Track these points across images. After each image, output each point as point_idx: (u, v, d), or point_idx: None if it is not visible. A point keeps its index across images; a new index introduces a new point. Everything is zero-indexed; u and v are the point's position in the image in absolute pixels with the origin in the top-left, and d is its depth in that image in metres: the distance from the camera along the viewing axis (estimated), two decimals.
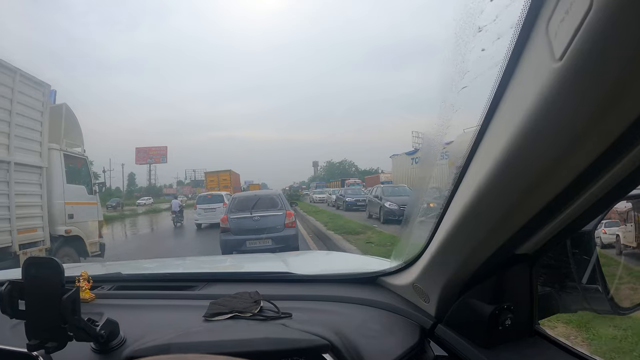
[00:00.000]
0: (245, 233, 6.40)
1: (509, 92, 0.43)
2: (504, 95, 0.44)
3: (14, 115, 4.66)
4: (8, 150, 4.56)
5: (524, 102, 0.39)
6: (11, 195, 4.57)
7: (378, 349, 0.77)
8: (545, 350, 0.68)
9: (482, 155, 0.51)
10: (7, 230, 4.53)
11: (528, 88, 0.38)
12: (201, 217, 14.10)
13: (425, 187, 0.82)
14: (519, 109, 0.40)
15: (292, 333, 0.79)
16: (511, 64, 0.41)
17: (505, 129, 0.43)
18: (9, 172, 4.56)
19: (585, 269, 0.70)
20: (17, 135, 4.69)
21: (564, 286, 0.73)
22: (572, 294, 0.72)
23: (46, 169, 5.24)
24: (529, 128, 0.39)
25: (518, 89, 0.41)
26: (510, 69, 0.42)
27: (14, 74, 4.71)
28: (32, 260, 0.66)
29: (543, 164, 0.42)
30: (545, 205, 0.48)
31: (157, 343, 0.75)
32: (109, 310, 0.89)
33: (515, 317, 0.67)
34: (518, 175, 0.46)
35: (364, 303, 0.97)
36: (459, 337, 0.73)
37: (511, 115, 0.42)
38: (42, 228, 5.14)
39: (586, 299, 0.71)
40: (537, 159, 0.42)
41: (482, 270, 0.66)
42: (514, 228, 0.54)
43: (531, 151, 0.42)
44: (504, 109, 0.45)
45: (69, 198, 5.77)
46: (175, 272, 1.43)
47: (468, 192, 0.54)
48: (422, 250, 0.78)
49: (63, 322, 0.64)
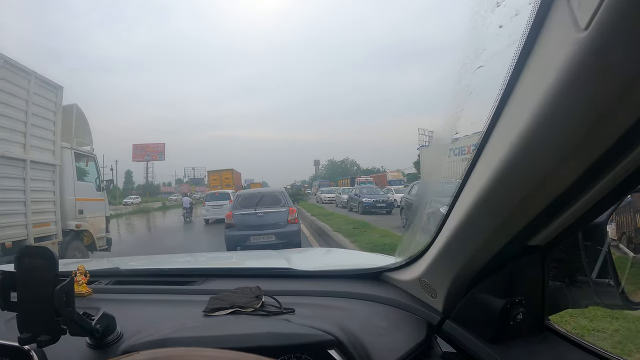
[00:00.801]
0: (250, 229, 6.60)
1: (528, 70, 0.41)
2: (522, 74, 0.42)
3: (30, 115, 4.93)
4: (24, 149, 4.83)
5: (544, 79, 0.37)
6: (27, 191, 4.84)
7: (384, 345, 0.76)
8: (557, 345, 0.66)
9: (496, 142, 0.49)
10: (23, 224, 4.81)
11: (549, 63, 0.36)
12: (209, 213, 14.92)
13: (433, 181, 0.78)
14: (538, 88, 0.38)
15: (296, 328, 0.77)
16: (531, 38, 0.39)
17: (522, 110, 0.41)
18: (25, 169, 4.83)
19: (597, 262, 0.67)
20: (32, 134, 4.96)
21: (574, 280, 0.71)
22: (582, 288, 0.70)
23: (59, 166, 5.52)
24: (548, 107, 0.37)
25: (538, 66, 0.39)
26: (529, 44, 0.40)
27: (29, 76, 4.97)
28: (25, 249, 0.63)
29: (562, 148, 0.40)
30: (561, 194, 0.47)
31: (154, 338, 0.74)
32: (106, 305, 0.88)
33: (526, 311, 0.65)
34: (535, 161, 0.44)
35: (368, 299, 0.95)
36: (468, 333, 0.72)
37: (530, 96, 0.40)
38: (54, 222, 5.42)
39: (597, 294, 0.68)
40: (555, 142, 0.40)
41: (493, 264, 0.64)
42: (528, 219, 0.53)
43: (550, 134, 0.39)
44: (522, 89, 0.42)
45: (79, 194, 6.05)
46: (174, 268, 1.41)
47: (480, 183, 0.52)
48: (428, 244, 0.77)
49: (56, 315, 0.61)
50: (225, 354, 0.53)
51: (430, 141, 37.39)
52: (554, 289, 0.70)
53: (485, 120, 0.49)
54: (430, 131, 47.81)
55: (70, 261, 1.89)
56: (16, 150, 4.72)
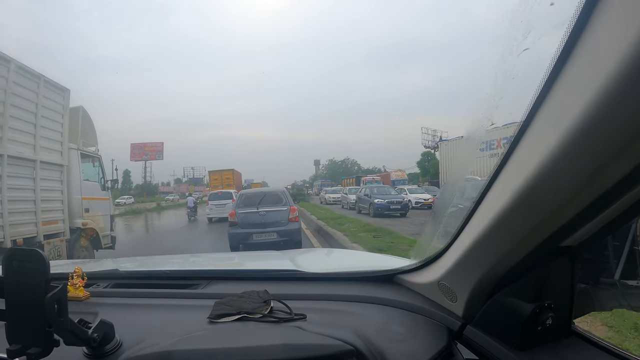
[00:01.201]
0: (252, 227, 6.82)
1: (579, 54, 0.37)
2: (571, 59, 0.38)
3: (39, 117, 5.13)
4: (34, 150, 5.03)
5: (598, 65, 0.34)
6: (37, 190, 5.05)
7: (404, 353, 0.72)
8: (585, 351, 0.64)
9: (534, 136, 0.45)
10: (33, 222, 5.01)
11: (606, 45, 0.33)
12: (212, 212, 15.44)
13: (457, 178, 0.74)
14: (589, 76, 0.35)
15: (312, 338, 0.73)
16: (583, 17, 0.35)
17: (570, 101, 0.38)
18: (35, 169, 5.03)
19: (623, 263, 0.65)
20: (41, 136, 5.17)
21: (599, 282, 0.69)
22: (608, 290, 0.68)
23: (66, 166, 5.72)
24: (602, 99, 0.34)
25: (591, 51, 0.36)
26: (581, 25, 0.36)
27: (38, 79, 5.17)
28: (13, 252, 0.59)
29: (613, 145, 0.37)
30: (605, 193, 0.44)
31: (157, 350, 0.69)
32: (104, 310, 0.85)
33: (555, 315, 0.63)
34: (581, 158, 0.40)
35: (382, 303, 0.91)
36: (491, 339, 0.68)
37: (579, 85, 0.37)
38: (62, 220, 5.63)
39: (624, 295, 0.66)
40: (606, 137, 0.37)
41: (521, 266, 0.61)
42: (566, 220, 0.50)
43: (600, 128, 0.36)
44: (571, 76, 0.38)
45: (85, 193, 6.26)
46: (175, 270, 1.34)
47: (514, 181, 0.49)
48: (447, 245, 0.74)
49: (48, 325, 0.57)
50: None
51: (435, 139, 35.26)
52: (579, 291, 0.67)
53: (525, 110, 0.45)
54: (433, 130, 46.25)
55: (68, 262, 1.86)
56: (27, 151, 4.93)
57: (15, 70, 4.70)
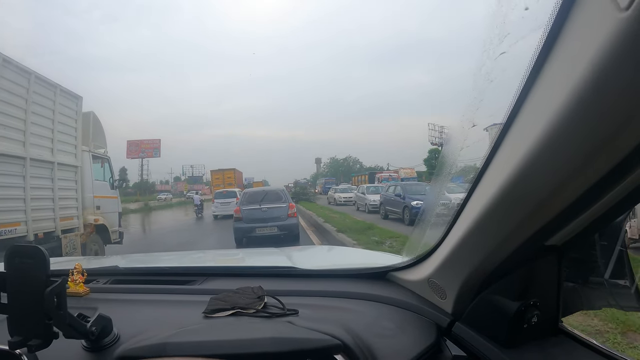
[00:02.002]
0: (255, 222, 7.71)
1: (556, 56, 0.38)
2: (547, 61, 0.39)
3: (56, 123, 5.65)
4: (52, 153, 5.56)
5: (573, 66, 0.35)
6: (55, 189, 5.58)
7: (392, 348, 0.74)
8: (572, 350, 0.65)
9: (516, 137, 0.47)
10: (52, 218, 5.54)
11: (581, 48, 0.34)
12: (218, 209, 16.56)
13: (445, 177, 0.77)
14: (565, 77, 0.36)
15: (301, 332, 0.75)
16: (559, 20, 0.37)
17: (547, 102, 0.39)
18: (53, 170, 5.56)
19: (612, 262, 0.66)
20: (58, 140, 5.69)
21: (588, 281, 0.69)
22: (597, 289, 0.68)
23: (80, 167, 6.25)
24: (578, 99, 0.35)
25: (567, 52, 0.37)
26: (556, 28, 0.37)
27: (54, 88, 5.69)
28: (15, 248, 0.62)
29: (591, 144, 0.38)
30: (585, 192, 0.45)
31: (152, 342, 0.71)
32: (103, 305, 0.87)
33: (541, 314, 0.64)
34: (560, 157, 0.41)
35: (374, 299, 0.94)
36: (479, 336, 0.70)
37: (556, 86, 0.38)
38: (77, 217, 6.16)
39: (612, 295, 0.67)
40: (584, 136, 0.38)
41: (507, 264, 0.63)
42: (548, 218, 0.51)
43: (578, 127, 0.37)
44: (548, 78, 0.40)
45: (97, 192, 6.79)
46: (174, 266, 1.40)
47: (497, 180, 0.50)
48: (437, 243, 0.76)
49: (47, 318, 0.60)
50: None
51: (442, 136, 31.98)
52: (567, 290, 0.68)
53: (505, 112, 0.47)
54: (440, 126, 43.18)
55: (69, 259, 1.91)
56: (46, 154, 5.45)
57: (35, 81, 5.21)
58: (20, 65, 4.96)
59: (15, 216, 4.84)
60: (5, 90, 4.65)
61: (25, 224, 4.97)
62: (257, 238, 7.60)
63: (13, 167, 4.83)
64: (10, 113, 4.78)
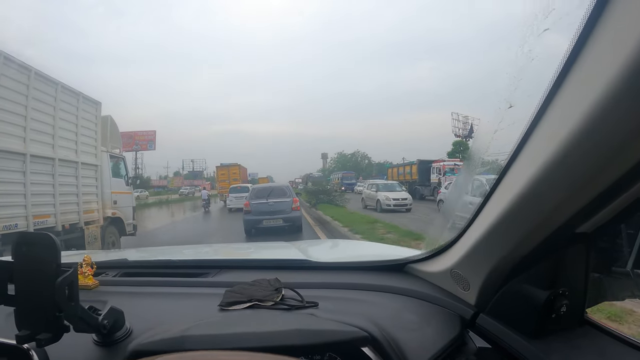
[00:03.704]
0: (262, 214, 8.81)
1: (600, 33, 0.36)
2: (591, 38, 0.37)
3: (79, 127, 6.37)
4: (76, 153, 6.28)
5: (619, 42, 0.33)
6: (79, 186, 6.32)
7: (417, 342, 0.72)
8: (598, 340, 0.64)
9: (552, 120, 0.45)
10: (76, 211, 6.28)
11: (629, 24, 0.33)
12: (232, 203, 18.41)
13: (476, 163, 0.74)
14: (610, 54, 0.35)
15: (326, 324, 0.73)
16: None
17: (588, 83, 0.37)
18: (77, 169, 6.28)
19: (637, 253, 0.64)
20: (81, 142, 6.41)
21: (613, 271, 0.68)
22: (621, 279, 0.66)
23: (99, 166, 6.98)
24: (621, 79, 0.34)
25: (612, 28, 0.35)
26: (601, 5, 0.36)
27: (77, 96, 6.39)
28: (23, 236, 0.59)
29: (624, 131, 0.37)
30: (623, 176, 0.44)
31: (169, 336, 0.68)
32: (113, 298, 0.85)
33: (569, 303, 0.63)
34: (602, 139, 0.40)
35: (394, 291, 0.92)
36: (505, 327, 0.68)
37: (599, 65, 0.36)
38: (97, 210, 6.90)
39: (637, 285, 0.65)
40: (629, 117, 0.36)
41: (535, 253, 0.61)
42: (582, 204, 0.50)
43: (622, 108, 0.36)
44: (592, 55, 0.38)
45: (114, 188, 7.53)
46: (185, 259, 1.38)
47: (532, 165, 0.48)
48: (459, 234, 0.75)
49: (58, 310, 0.57)
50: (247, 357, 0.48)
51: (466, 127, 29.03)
52: (592, 281, 0.66)
53: (544, 92, 0.44)
54: (464, 116, 39.02)
55: (76, 253, 1.91)
56: (71, 155, 6.17)
57: (62, 90, 5.92)
58: (48, 76, 5.66)
59: (46, 209, 5.58)
60: (36, 99, 5.35)
61: (55, 216, 5.71)
62: (264, 229, 8.66)
63: (44, 167, 5.55)
64: (41, 119, 5.49)
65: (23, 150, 5.08)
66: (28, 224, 5.09)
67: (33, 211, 5.23)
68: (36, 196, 5.34)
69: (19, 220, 5.02)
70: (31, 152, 5.21)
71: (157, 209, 26.40)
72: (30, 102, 5.20)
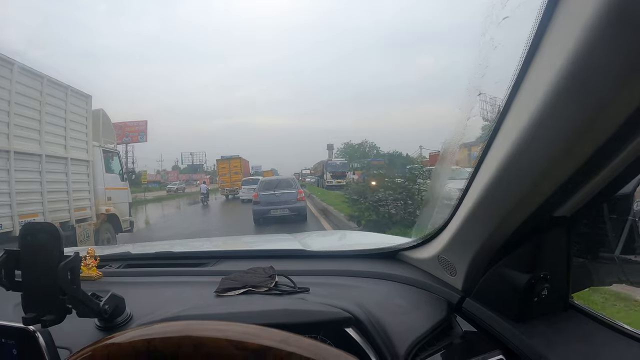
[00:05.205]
0: (270, 204, 9.84)
1: (560, 16, 0.38)
2: (551, 23, 0.39)
3: (68, 122, 6.13)
4: (65, 149, 6.07)
5: (575, 28, 0.35)
6: (69, 182, 6.11)
7: (404, 324, 0.74)
8: (583, 324, 0.64)
9: (522, 103, 0.46)
10: (66, 209, 6.09)
11: (584, 8, 0.34)
12: (244, 194, 19.46)
13: (452, 151, 0.76)
14: (568, 40, 0.36)
15: (312, 306, 0.77)
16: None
17: (551, 66, 0.39)
18: (67, 165, 6.07)
19: (624, 237, 0.64)
20: (71, 137, 6.18)
21: (598, 256, 0.68)
22: (607, 264, 0.67)
23: (91, 162, 6.76)
24: (580, 60, 0.35)
25: (571, 13, 0.36)
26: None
27: (66, 89, 6.15)
28: (28, 226, 0.63)
29: (597, 106, 0.38)
30: (588, 160, 0.45)
31: (164, 316, 0.73)
32: (116, 288, 0.85)
33: (551, 287, 0.63)
34: (566, 121, 0.41)
35: (385, 277, 0.94)
36: (490, 311, 0.70)
37: (559, 49, 0.37)
38: (89, 207, 6.71)
39: (622, 270, 0.65)
40: (589, 99, 0.38)
41: (516, 237, 0.62)
42: (555, 186, 0.51)
43: (582, 90, 0.37)
44: (551, 40, 0.39)
45: (108, 184, 7.33)
46: (185, 251, 1.42)
47: (504, 149, 0.50)
48: (446, 220, 0.76)
49: (61, 294, 0.61)
50: (237, 327, 0.50)
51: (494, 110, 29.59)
52: (577, 266, 0.67)
53: (510, 79, 0.46)
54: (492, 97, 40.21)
55: (81, 248, 2.03)
56: (60, 151, 5.96)
57: (48, 84, 5.68)
58: (33, 70, 5.42)
59: (34, 208, 5.38)
60: (20, 94, 5.12)
61: (43, 214, 5.51)
62: (271, 218, 9.62)
63: (30, 164, 5.34)
64: (26, 115, 5.26)
65: (6, 147, 4.87)
66: (14, 224, 4.92)
67: (19, 210, 5.04)
68: (22, 194, 5.15)
69: (4, 220, 4.84)
70: (16, 149, 5.00)
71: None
72: (13, 97, 4.97)
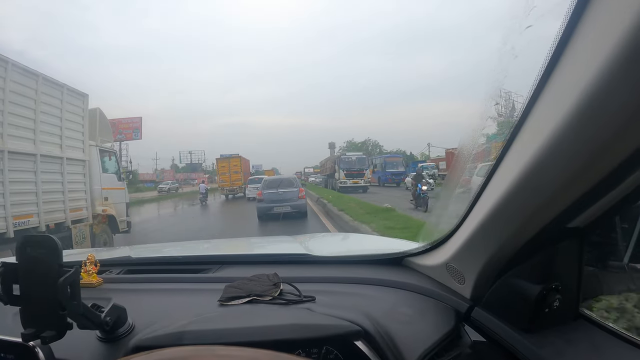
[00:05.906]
0: (273, 202, 10.67)
1: (582, 31, 0.37)
2: (575, 33, 0.37)
3: (64, 121, 6.02)
4: (61, 148, 5.96)
5: (602, 38, 0.33)
6: (64, 183, 6.00)
7: (412, 334, 0.73)
8: (593, 335, 0.63)
9: (541, 114, 0.45)
10: (62, 210, 5.98)
11: (610, 22, 0.33)
12: (250, 193, 20.47)
13: (465, 159, 0.75)
14: (593, 50, 0.35)
15: (320, 319, 0.74)
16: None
17: (574, 79, 0.38)
18: (62, 165, 5.96)
19: (634, 247, 0.64)
20: (66, 136, 6.07)
21: (608, 265, 0.68)
22: (617, 273, 0.66)
23: (87, 161, 6.65)
24: (603, 75, 0.34)
25: (594, 28, 0.35)
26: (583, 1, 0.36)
27: (61, 88, 6.04)
28: (27, 238, 0.61)
29: (622, 119, 0.37)
30: (609, 173, 0.44)
31: (168, 331, 0.70)
32: (117, 295, 0.86)
33: (562, 298, 0.62)
34: (589, 134, 0.40)
35: (391, 285, 0.92)
36: (499, 321, 0.68)
37: (585, 59, 0.36)
38: (86, 208, 6.60)
39: (633, 280, 0.65)
40: (615, 111, 0.36)
41: (528, 247, 0.61)
42: (573, 199, 0.50)
43: (608, 103, 0.36)
44: (575, 52, 0.38)
45: (104, 184, 7.21)
46: (187, 255, 1.39)
47: (521, 160, 0.49)
48: (455, 227, 0.74)
49: (61, 309, 0.59)
50: (246, 352, 0.49)
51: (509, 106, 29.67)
52: (586, 274, 0.66)
53: (530, 88, 0.45)
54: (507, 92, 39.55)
55: (80, 251, 1.92)
56: (55, 150, 5.85)
57: (43, 82, 5.56)
58: (28, 68, 5.31)
59: (28, 209, 5.27)
60: (15, 92, 5.00)
61: (38, 215, 5.41)
62: (274, 214, 10.41)
63: (25, 164, 5.23)
64: (21, 114, 5.15)
65: (0, 146, 4.76)
66: (7, 225, 4.81)
67: (13, 211, 4.93)
68: (16, 195, 5.03)
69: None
70: (10, 149, 4.88)
71: None
72: (7, 96, 4.85)
